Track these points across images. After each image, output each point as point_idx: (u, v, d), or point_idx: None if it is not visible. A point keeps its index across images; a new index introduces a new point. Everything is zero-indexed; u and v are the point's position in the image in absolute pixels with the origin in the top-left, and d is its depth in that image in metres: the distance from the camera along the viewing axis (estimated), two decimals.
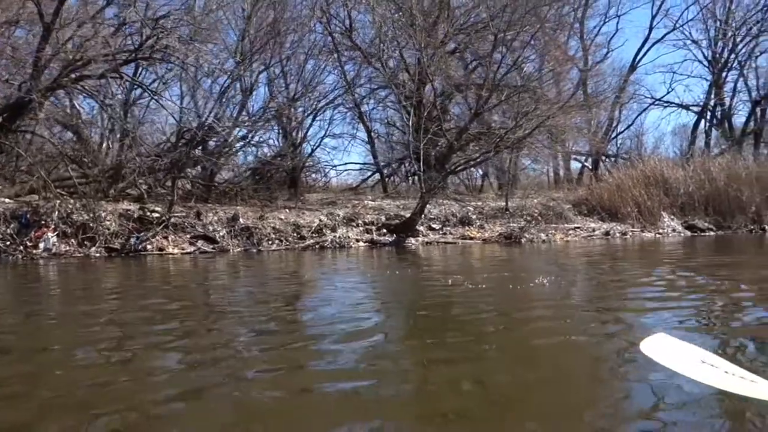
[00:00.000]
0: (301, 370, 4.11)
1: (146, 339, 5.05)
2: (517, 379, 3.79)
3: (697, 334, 4.61)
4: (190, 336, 5.22)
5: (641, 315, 5.64)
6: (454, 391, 3.52)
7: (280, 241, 14.15)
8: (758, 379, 2.75)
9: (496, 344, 4.72)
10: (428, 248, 14.35)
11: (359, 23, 19.78)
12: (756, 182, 18.13)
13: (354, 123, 22.22)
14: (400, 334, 5.39)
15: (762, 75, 28.91)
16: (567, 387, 3.61)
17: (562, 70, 19.04)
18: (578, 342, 4.73)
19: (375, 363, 4.25)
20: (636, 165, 19.62)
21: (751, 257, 12.30)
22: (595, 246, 14.30)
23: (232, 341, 4.96)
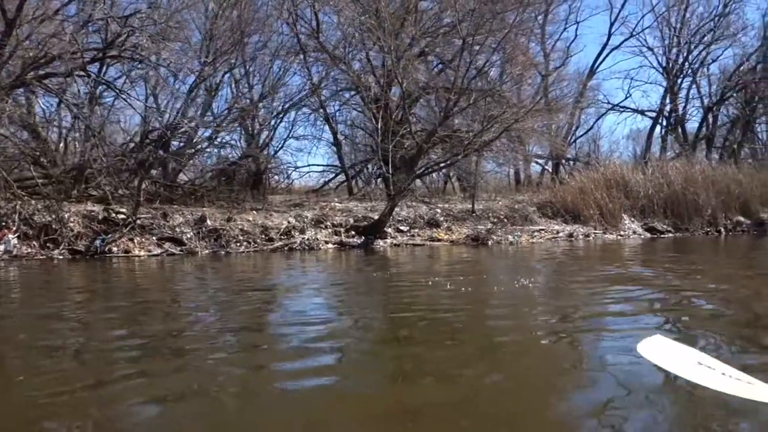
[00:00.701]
0: (265, 370, 4.23)
1: (106, 344, 4.99)
2: (509, 378, 3.87)
3: (685, 334, 4.79)
4: (151, 340, 5.14)
5: (628, 316, 5.80)
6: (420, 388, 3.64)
7: (249, 243, 14.02)
8: (754, 381, 2.79)
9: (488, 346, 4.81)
10: (397, 250, 14.40)
11: (327, 24, 19.75)
12: (711, 186, 18.71)
13: (319, 125, 22.17)
14: (370, 335, 5.44)
15: (714, 82, 29.84)
16: (548, 389, 3.68)
17: (527, 74, 19.33)
18: (571, 342, 4.84)
19: (341, 361, 4.42)
20: (597, 168, 20.03)
21: (716, 258, 12.70)
22: (561, 248, 14.57)
23: (196, 345, 4.95)
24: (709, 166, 19.70)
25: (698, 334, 4.69)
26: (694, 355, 3.06)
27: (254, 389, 3.79)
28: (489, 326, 5.54)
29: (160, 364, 4.34)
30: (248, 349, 4.82)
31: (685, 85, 29.68)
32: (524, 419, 3.14)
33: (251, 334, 5.43)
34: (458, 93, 14.09)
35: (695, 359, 3.01)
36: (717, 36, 27.94)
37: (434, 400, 3.42)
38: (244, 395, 3.67)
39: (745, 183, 19.25)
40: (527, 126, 16.06)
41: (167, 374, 4.06)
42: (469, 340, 4.93)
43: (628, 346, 4.02)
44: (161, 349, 4.81)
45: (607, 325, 5.43)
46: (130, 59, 13.44)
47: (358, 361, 4.48)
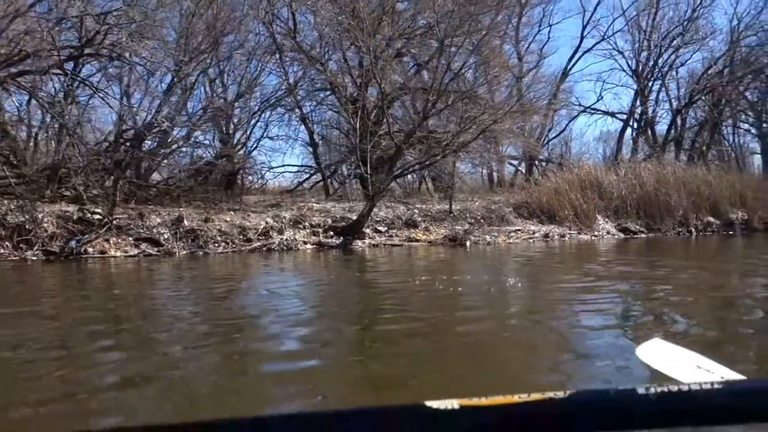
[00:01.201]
0: (237, 357, 4.37)
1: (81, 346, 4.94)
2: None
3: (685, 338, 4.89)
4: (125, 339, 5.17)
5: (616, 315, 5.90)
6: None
7: (227, 244, 13.92)
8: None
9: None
10: (375, 250, 14.43)
11: (303, 24, 19.68)
12: (683, 187, 19.05)
13: (294, 125, 22.08)
14: (349, 335, 5.46)
15: (683, 85, 30.45)
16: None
17: (503, 76, 19.49)
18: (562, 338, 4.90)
19: (316, 351, 4.52)
20: (572, 170, 20.26)
21: (688, 257, 12.96)
22: (538, 248, 14.74)
23: (170, 342, 4.98)
24: (680, 168, 20.03)
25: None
26: (693, 358, 3.02)
27: (227, 372, 3.88)
28: (470, 327, 5.58)
29: (133, 353, 4.41)
30: (220, 341, 4.87)
31: (655, 88, 30.27)
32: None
33: (223, 329, 5.47)
34: (437, 94, 14.14)
35: (694, 362, 2.96)
36: (686, 40, 28.53)
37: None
38: (215, 377, 3.79)
39: (714, 184, 19.64)
40: (504, 127, 16.20)
41: (137, 360, 4.15)
42: (447, 342, 4.96)
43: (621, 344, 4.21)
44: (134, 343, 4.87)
45: (591, 324, 5.51)
46: (108, 57, 13.23)
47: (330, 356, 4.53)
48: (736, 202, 19.72)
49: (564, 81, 28.04)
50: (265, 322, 5.83)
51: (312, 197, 20.14)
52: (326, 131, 23.13)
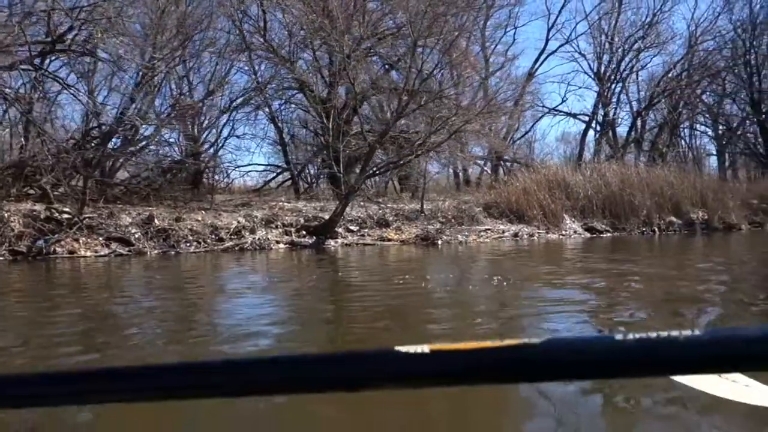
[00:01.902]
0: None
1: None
2: None
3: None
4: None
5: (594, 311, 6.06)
6: None
7: (199, 243, 13.78)
8: (752, 382, 2.80)
9: None
10: (348, 250, 14.45)
11: (274, 22, 19.57)
12: (646, 188, 19.52)
13: (262, 123, 21.96)
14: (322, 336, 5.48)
15: (643, 88, 31.21)
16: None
17: (474, 77, 19.70)
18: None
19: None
20: (539, 170, 20.57)
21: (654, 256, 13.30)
22: (509, 247, 14.94)
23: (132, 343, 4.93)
24: (643, 169, 20.50)
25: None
26: None
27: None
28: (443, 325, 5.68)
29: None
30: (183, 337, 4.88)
31: (617, 90, 30.94)
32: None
33: (188, 327, 5.51)
34: (409, 94, 14.24)
35: None
36: (646, 44, 29.23)
37: None
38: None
39: (676, 185, 20.17)
40: (474, 128, 16.38)
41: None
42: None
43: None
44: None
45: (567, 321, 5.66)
46: (80, 53, 12.95)
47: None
48: (697, 202, 20.27)
49: (530, 83, 28.44)
50: (231, 323, 5.81)
51: (280, 197, 20.05)
52: (296, 130, 23.05)
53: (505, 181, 20.64)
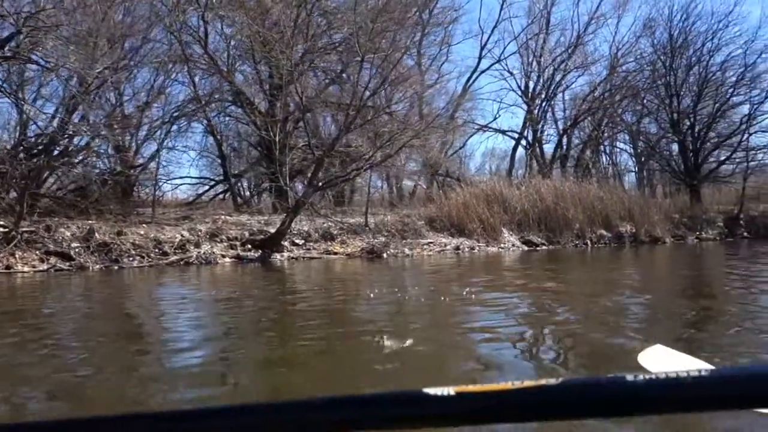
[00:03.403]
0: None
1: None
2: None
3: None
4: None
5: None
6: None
7: (142, 257, 13.41)
8: None
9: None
10: (294, 264, 14.36)
11: (214, 34, 19.32)
12: (579, 202, 20.30)
13: (199, 135, 21.58)
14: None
15: (568, 107, 32.50)
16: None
17: (417, 93, 20.01)
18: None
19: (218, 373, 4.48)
20: (478, 185, 21.07)
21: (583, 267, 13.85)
22: (452, 260, 15.22)
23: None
24: (575, 184, 21.30)
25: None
26: (693, 364, 3.01)
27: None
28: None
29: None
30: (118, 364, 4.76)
31: (544, 109, 32.04)
32: None
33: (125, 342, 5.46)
34: (356, 109, 14.35)
35: (695, 368, 3.04)
36: (571, 65, 30.46)
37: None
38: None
39: (606, 200, 21.06)
40: (420, 143, 16.65)
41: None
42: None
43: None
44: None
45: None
46: (25, 60, 12.42)
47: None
48: (625, 216, 21.24)
49: (463, 99, 29.10)
50: (169, 337, 5.78)
51: (219, 210, 19.72)
52: (236, 143, 22.76)
53: (440, 196, 20.93)
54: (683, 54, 26.64)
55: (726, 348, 4.79)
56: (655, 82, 28.29)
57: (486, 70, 30.59)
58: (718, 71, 26.39)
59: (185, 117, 20.02)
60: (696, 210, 24.49)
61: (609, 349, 4.87)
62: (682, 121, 26.92)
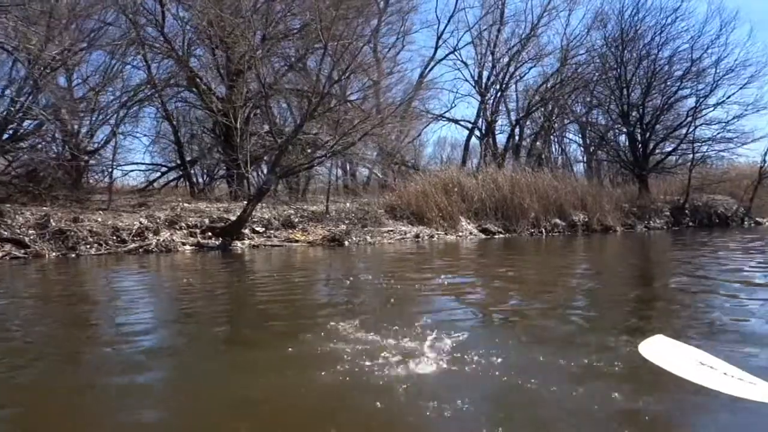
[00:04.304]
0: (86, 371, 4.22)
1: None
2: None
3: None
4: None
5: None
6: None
7: (100, 245, 13.12)
8: (757, 380, 2.78)
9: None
10: (255, 251, 14.26)
11: (172, 17, 18.87)
12: (534, 192, 20.69)
13: (150, 120, 21.14)
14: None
15: (521, 98, 32.99)
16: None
17: (379, 82, 20.00)
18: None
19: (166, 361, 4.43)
20: (437, 173, 21.24)
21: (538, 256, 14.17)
22: (412, 247, 15.35)
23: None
24: (530, 174, 21.66)
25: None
26: (695, 354, 3.02)
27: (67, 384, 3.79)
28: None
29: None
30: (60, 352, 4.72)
31: (498, 99, 32.40)
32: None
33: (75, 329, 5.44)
34: (320, 96, 14.28)
35: (697, 359, 2.96)
36: (525, 57, 30.87)
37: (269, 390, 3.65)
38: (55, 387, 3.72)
39: (560, 189, 21.51)
40: (382, 132, 16.69)
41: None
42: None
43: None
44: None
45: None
46: None
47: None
48: (578, 205, 21.74)
49: (420, 88, 29.20)
50: (119, 326, 5.66)
51: (174, 196, 19.39)
52: (192, 129, 22.34)
53: (400, 185, 21.01)
54: (634, 47, 27.28)
55: (661, 328, 5.08)
56: (604, 75, 28.88)
57: (442, 60, 30.77)
58: (666, 65, 27.09)
59: (140, 102, 19.62)
60: (644, 200, 25.25)
61: (552, 331, 5.13)
62: (631, 113, 27.60)
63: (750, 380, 2.77)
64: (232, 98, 16.66)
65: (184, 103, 21.41)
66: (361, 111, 16.41)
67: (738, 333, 4.85)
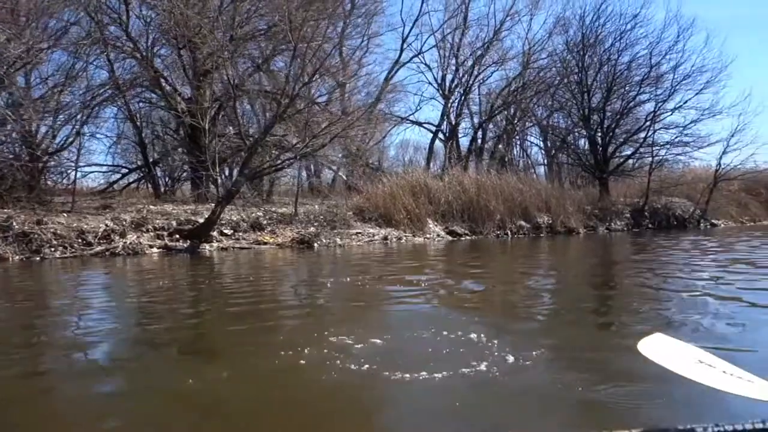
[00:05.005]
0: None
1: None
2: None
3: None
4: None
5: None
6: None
7: (65, 248, 12.87)
8: (755, 378, 2.75)
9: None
10: (224, 254, 14.12)
11: (136, 16, 18.57)
12: (500, 194, 20.94)
13: (119, 123, 20.78)
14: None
15: (483, 101, 33.37)
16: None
17: (344, 84, 20.01)
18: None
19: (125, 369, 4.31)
20: (404, 175, 21.33)
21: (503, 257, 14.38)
22: (382, 249, 15.40)
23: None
24: (497, 177, 21.91)
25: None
26: (694, 353, 3.01)
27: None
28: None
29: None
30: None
31: (461, 102, 32.71)
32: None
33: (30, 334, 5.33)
34: (290, 97, 14.24)
35: (696, 357, 2.95)
36: (488, 60, 31.24)
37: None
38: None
39: (525, 191, 21.82)
40: (351, 134, 16.71)
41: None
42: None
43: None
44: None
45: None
46: None
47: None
48: (542, 207, 22.07)
49: (387, 91, 29.28)
50: (74, 334, 5.48)
51: (135, 199, 19.10)
52: (157, 130, 22.02)
53: (367, 187, 21.00)
54: (594, 52, 27.83)
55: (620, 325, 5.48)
56: (564, 79, 29.41)
57: (407, 63, 30.90)
58: (625, 70, 27.71)
59: (103, 102, 19.27)
60: (605, 202, 25.75)
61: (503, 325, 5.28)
62: (592, 116, 28.12)
63: (748, 378, 2.73)
64: (199, 99, 16.48)
65: (147, 104, 21.09)
66: (330, 113, 16.39)
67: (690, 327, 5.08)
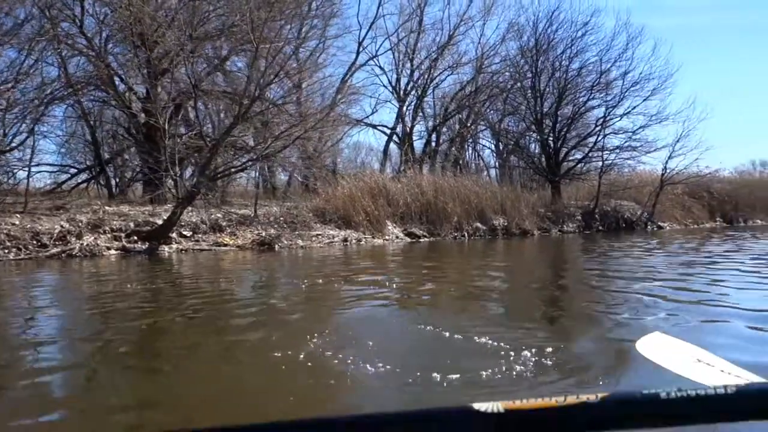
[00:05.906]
0: None
1: None
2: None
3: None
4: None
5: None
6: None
7: (19, 250, 12.52)
8: (754, 377, 2.78)
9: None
10: (183, 256, 13.95)
11: (89, 12, 18.13)
12: (457, 197, 21.22)
13: (71, 122, 20.24)
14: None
15: (438, 105, 33.75)
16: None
17: (299, 85, 19.95)
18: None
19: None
20: (362, 177, 21.37)
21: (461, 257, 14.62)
22: (341, 251, 15.45)
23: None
24: (453, 179, 22.20)
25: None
26: (693, 351, 3.04)
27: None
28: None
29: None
30: None
31: (415, 105, 32.99)
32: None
33: None
34: (252, 98, 14.15)
35: (694, 356, 2.98)
36: (444, 64, 31.63)
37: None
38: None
39: (481, 194, 22.15)
40: (313, 135, 16.70)
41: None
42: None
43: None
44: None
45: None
46: None
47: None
48: (498, 210, 22.45)
49: (343, 93, 29.30)
50: (22, 338, 5.32)
51: (91, 199, 18.66)
52: (111, 129, 21.52)
53: (326, 189, 20.97)
54: (547, 58, 28.44)
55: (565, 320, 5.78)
56: (517, 83, 29.99)
57: (362, 66, 31.00)
58: (576, 76, 28.40)
59: (54, 101, 18.74)
60: (558, 205, 26.33)
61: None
62: (544, 121, 28.72)
63: (747, 377, 2.73)
64: (156, 98, 16.21)
65: (100, 102, 20.60)
66: (290, 115, 16.34)
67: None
